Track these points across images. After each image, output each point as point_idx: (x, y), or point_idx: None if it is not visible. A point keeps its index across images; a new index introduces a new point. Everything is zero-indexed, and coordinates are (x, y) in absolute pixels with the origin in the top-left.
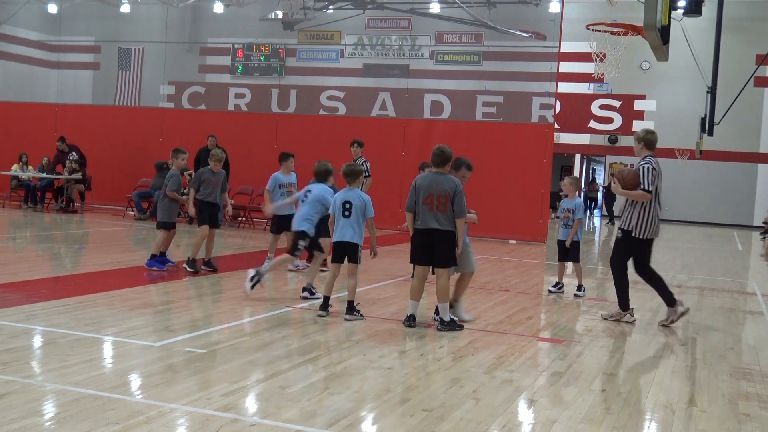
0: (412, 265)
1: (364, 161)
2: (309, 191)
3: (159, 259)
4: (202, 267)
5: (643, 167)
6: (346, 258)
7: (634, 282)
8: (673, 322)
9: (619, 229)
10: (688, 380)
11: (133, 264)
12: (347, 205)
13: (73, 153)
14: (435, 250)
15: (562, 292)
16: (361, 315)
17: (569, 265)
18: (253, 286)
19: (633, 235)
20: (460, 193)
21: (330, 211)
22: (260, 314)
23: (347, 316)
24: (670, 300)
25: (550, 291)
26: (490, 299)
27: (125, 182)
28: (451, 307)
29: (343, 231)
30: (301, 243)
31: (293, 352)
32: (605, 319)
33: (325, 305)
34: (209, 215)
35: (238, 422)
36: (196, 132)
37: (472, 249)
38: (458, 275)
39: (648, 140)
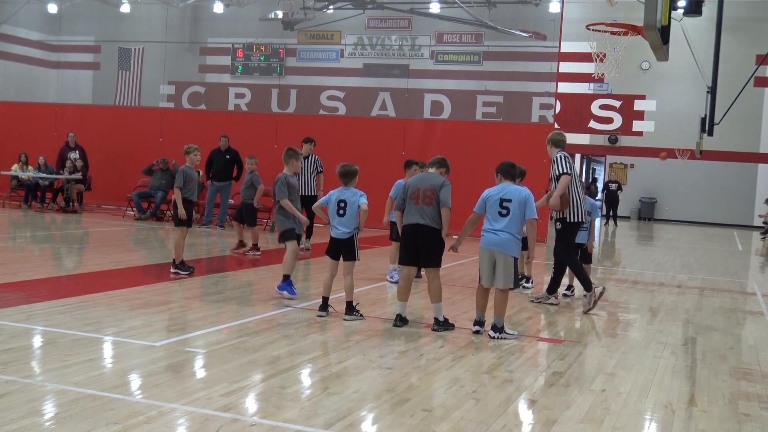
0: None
1: (316, 159)
2: None
3: (289, 282)
4: (172, 270)
5: (557, 157)
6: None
7: (632, 282)
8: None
9: (555, 220)
10: (688, 380)
11: (133, 264)
12: (342, 204)
13: (77, 152)
14: (421, 249)
15: (573, 295)
16: (361, 315)
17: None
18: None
19: (568, 220)
20: (447, 186)
21: (321, 200)
22: (260, 314)
23: (347, 317)
24: (588, 285)
25: (565, 295)
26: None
27: (125, 182)
28: (499, 328)
29: (337, 229)
30: None
31: (293, 352)
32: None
33: (324, 306)
34: (189, 215)
35: (238, 422)
36: (196, 132)
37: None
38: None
39: (555, 140)
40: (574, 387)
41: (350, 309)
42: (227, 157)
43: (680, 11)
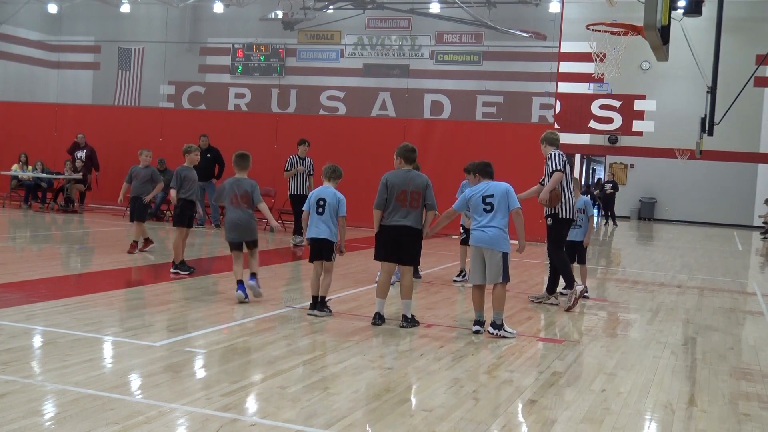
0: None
1: (310, 162)
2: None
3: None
4: (172, 270)
5: (551, 154)
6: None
7: (633, 282)
8: (576, 302)
9: (547, 216)
10: (688, 380)
11: (133, 264)
12: (321, 202)
13: (84, 152)
14: (403, 247)
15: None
16: (330, 311)
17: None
18: None
19: (560, 216)
20: (431, 187)
21: (304, 208)
22: (260, 314)
23: (317, 312)
24: (570, 283)
25: (561, 293)
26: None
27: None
28: (499, 324)
29: (317, 228)
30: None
31: (293, 352)
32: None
33: (314, 304)
34: (189, 215)
35: (238, 422)
36: (196, 132)
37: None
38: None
39: (549, 139)
40: (574, 387)
41: (322, 305)
42: (208, 156)
43: (680, 11)
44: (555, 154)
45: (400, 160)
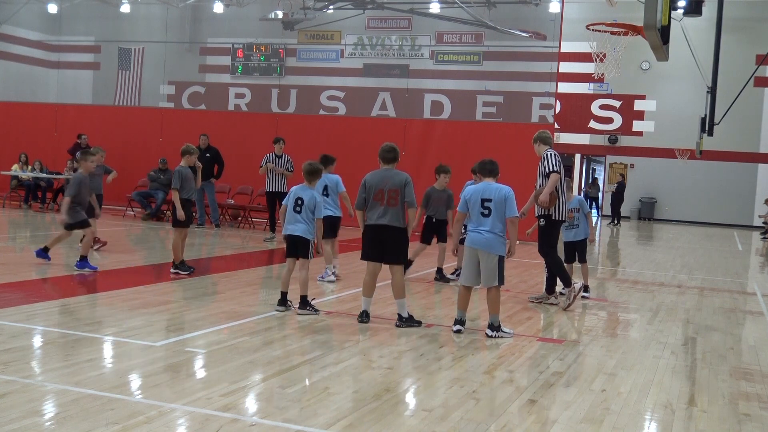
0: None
1: (288, 159)
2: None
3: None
4: (172, 270)
5: (546, 155)
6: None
7: (632, 282)
8: (574, 301)
9: (539, 217)
10: (688, 380)
11: (133, 264)
12: (299, 201)
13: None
14: (386, 246)
15: (588, 295)
16: (316, 310)
17: (572, 267)
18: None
19: (553, 218)
20: (410, 184)
21: (284, 202)
22: (260, 314)
23: (300, 311)
24: (567, 281)
25: (561, 293)
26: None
27: (125, 182)
28: (496, 326)
29: (294, 225)
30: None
31: (293, 352)
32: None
33: (283, 300)
34: (188, 215)
35: (238, 422)
36: (196, 132)
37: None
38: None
39: (543, 138)
40: (574, 387)
41: (304, 303)
42: (207, 155)
43: (680, 11)
44: (550, 154)
45: (380, 160)
